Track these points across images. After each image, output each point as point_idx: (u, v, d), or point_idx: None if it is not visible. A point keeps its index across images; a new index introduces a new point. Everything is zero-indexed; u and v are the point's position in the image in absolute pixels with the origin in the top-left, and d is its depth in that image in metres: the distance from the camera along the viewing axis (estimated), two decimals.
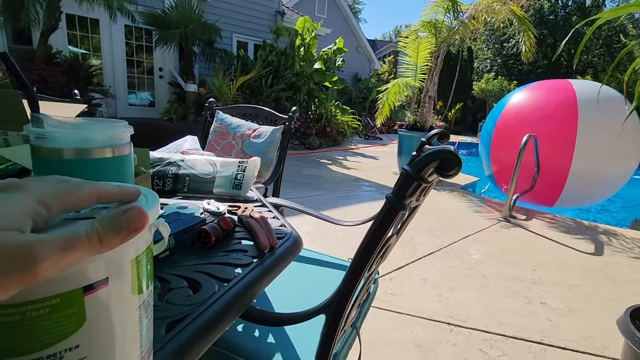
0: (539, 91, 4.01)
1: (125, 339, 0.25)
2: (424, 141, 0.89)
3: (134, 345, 0.27)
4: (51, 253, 0.18)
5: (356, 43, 13.54)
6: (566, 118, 3.56)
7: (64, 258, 0.19)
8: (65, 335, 0.21)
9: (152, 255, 0.29)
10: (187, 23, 6.60)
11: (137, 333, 0.27)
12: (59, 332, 0.21)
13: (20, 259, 0.17)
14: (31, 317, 0.20)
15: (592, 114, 3.49)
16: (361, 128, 10.46)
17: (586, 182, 3.61)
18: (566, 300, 2.00)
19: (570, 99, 3.63)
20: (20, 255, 0.17)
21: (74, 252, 0.19)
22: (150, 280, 0.29)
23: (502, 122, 4.08)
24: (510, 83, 16.54)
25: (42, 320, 0.20)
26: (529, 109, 3.88)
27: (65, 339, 0.21)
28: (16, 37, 5.99)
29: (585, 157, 3.49)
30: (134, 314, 0.26)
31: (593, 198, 3.99)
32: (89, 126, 0.38)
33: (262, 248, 0.60)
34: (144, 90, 7.92)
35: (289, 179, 4.52)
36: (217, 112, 1.88)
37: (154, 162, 0.89)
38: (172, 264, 0.54)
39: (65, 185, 0.23)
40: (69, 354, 0.22)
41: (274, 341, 0.78)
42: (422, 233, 2.94)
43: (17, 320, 0.20)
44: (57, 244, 0.19)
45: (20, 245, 0.18)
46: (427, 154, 0.45)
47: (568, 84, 3.86)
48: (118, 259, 0.23)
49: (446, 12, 5.22)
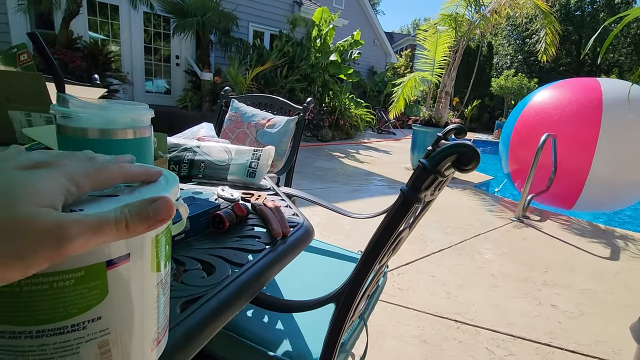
0: (563, 89, 3.85)
1: (143, 314, 0.26)
2: (440, 136, 0.88)
3: (152, 321, 0.27)
4: (81, 234, 0.19)
5: (373, 36, 13.35)
6: (588, 118, 3.42)
7: (92, 240, 0.20)
8: (89, 307, 0.22)
9: (171, 235, 0.30)
10: (205, 11, 6.61)
11: (155, 309, 0.28)
12: (83, 303, 0.22)
13: (52, 237, 0.18)
14: (57, 287, 0.21)
15: (618, 116, 3.32)
16: (374, 122, 10.37)
17: (605, 187, 3.45)
18: (577, 304, 1.96)
19: (595, 100, 3.46)
20: (53, 233, 0.18)
21: (101, 236, 0.20)
22: (168, 259, 0.30)
23: (523, 120, 3.98)
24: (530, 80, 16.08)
25: (67, 290, 0.21)
26: (551, 108, 3.75)
27: (88, 310, 0.22)
28: (39, 22, 6.10)
29: (606, 162, 3.34)
30: (153, 290, 0.27)
31: (611, 205, 3.81)
32: (113, 108, 0.39)
33: (275, 235, 0.61)
34: (160, 78, 8.00)
35: (300, 170, 4.54)
36: (233, 101, 1.89)
37: (170, 147, 0.90)
38: (187, 246, 0.55)
39: (94, 163, 0.24)
40: (91, 325, 0.23)
41: (282, 328, 0.79)
42: (433, 229, 2.92)
43: (45, 289, 0.21)
44: (87, 226, 0.19)
45: (54, 224, 0.18)
46: (445, 147, 0.45)
47: (595, 83, 3.68)
48: (139, 237, 0.24)
49: (468, 5, 5.09)
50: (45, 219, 0.18)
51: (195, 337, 0.39)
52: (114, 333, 0.24)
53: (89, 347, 0.23)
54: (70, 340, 0.22)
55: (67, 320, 0.22)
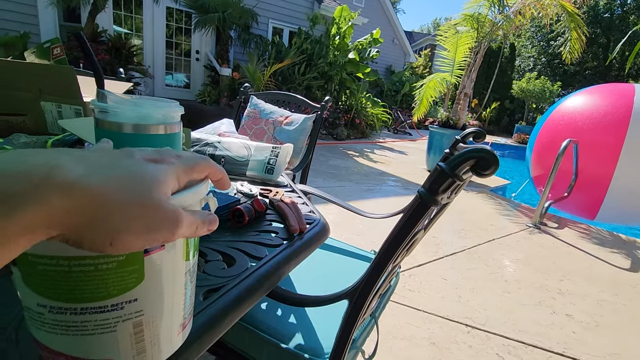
0: (595, 94, 3.70)
1: (173, 300, 0.28)
2: (458, 139, 0.88)
3: (179, 306, 0.29)
4: (188, 225, 0.24)
5: (392, 35, 13.21)
6: (614, 125, 3.29)
7: (187, 232, 0.24)
8: (128, 289, 0.24)
9: None
10: (226, 7, 6.69)
11: (183, 296, 0.29)
12: (123, 286, 0.24)
13: (171, 221, 0.22)
14: (102, 269, 0.23)
15: None
16: (391, 122, 10.29)
17: (629, 198, 3.29)
18: (593, 314, 1.92)
19: (624, 106, 3.31)
20: (172, 218, 0.22)
21: (191, 231, 0.24)
22: (196, 250, 0.32)
23: (548, 124, 3.87)
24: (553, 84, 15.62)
25: (110, 272, 0.23)
26: (577, 113, 3.61)
27: (127, 292, 0.24)
28: (67, 16, 6.30)
29: (629, 171, 3.20)
30: (182, 278, 0.29)
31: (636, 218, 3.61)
32: (147, 104, 0.42)
33: (292, 231, 0.63)
34: (180, 72, 8.14)
35: (314, 167, 4.56)
36: (251, 97, 1.92)
37: (192, 141, 0.93)
38: (207, 238, 0.58)
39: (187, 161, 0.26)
40: (128, 306, 0.25)
41: (295, 321, 0.81)
42: (446, 232, 2.89)
43: (91, 271, 0.23)
44: (190, 220, 0.24)
45: (174, 211, 0.23)
46: (465, 152, 0.46)
47: (630, 88, 3.50)
48: None
49: (491, 5, 4.99)
50: (168, 206, 0.22)
51: (217, 324, 0.41)
52: (147, 315, 0.26)
53: (125, 326, 0.25)
54: (109, 319, 0.24)
55: (107, 300, 0.24)
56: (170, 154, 0.26)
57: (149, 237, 0.21)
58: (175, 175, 0.24)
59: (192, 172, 0.26)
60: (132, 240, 0.21)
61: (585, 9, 18.22)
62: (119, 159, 0.22)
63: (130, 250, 0.21)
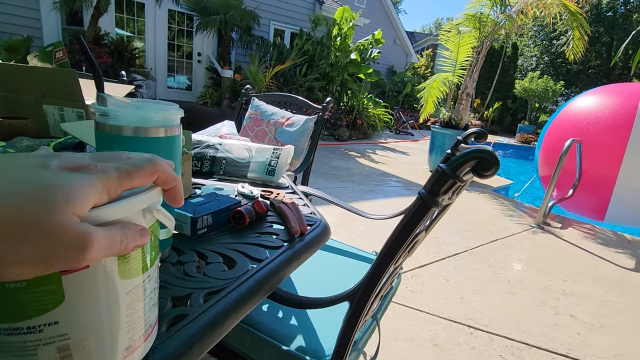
0: (604, 94, 3.66)
1: (114, 320, 0.25)
2: (459, 140, 0.87)
3: (127, 324, 0.27)
4: (99, 249, 0.20)
5: (394, 35, 13.21)
6: (619, 125, 3.26)
7: (104, 255, 0.21)
8: (46, 310, 0.22)
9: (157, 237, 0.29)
10: (228, 9, 6.71)
11: (135, 312, 0.27)
12: (40, 307, 0.22)
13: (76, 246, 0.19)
14: (9, 288, 0.21)
15: None
16: (392, 122, 10.28)
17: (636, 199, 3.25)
18: (598, 315, 1.91)
19: (629, 105, 3.28)
20: (77, 242, 0.19)
21: (110, 253, 0.22)
22: (157, 254, 0.29)
23: (555, 124, 3.85)
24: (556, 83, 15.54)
25: (22, 292, 0.21)
26: (584, 112, 3.59)
27: (44, 314, 0.22)
28: (69, 19, 6.34)
29: (635, 172, 3.16)
30: (132, 294, 0.26)
31: None
32: (147, 107, 0.42)
33: (293, 233, 0.63)
34: (182, 74, 8.18)
35: (316, 168, 4.55)
36: (253, 99, 1.93)
37: (193, 143, 0.94)
38: (208, 240, 0.58)
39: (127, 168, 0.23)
40: (48, 329, 0.23)
41: (296, 323, 0.81)
42: (448, 233, 2.88)
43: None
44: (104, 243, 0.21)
45: (81, 234, 0.19)
46: (465, 153, 0.45)
47: (638, 88, 3.47)
48: None
49: (493, 5, 4.97)
50: (75, 227, 0.19)
51: (217, 327, 0.41)
52: (74, 338, 0.24)
53: (48, 350, 0.23)
54: (27, 342, 0.22)
55: (22, 322, 0.22)
56: (103, 158, 0.23)
57: (44, 266, 0.19)
58: (101, 185, 0.21)
59: (131, 179, 0.23)
60: (24, 271, 0.18)
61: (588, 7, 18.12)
62: (26, 169, 0.20)
63: (25, 278, 0.19)
